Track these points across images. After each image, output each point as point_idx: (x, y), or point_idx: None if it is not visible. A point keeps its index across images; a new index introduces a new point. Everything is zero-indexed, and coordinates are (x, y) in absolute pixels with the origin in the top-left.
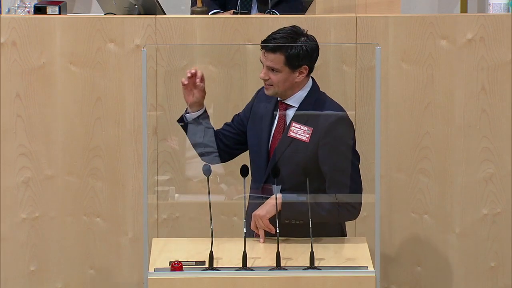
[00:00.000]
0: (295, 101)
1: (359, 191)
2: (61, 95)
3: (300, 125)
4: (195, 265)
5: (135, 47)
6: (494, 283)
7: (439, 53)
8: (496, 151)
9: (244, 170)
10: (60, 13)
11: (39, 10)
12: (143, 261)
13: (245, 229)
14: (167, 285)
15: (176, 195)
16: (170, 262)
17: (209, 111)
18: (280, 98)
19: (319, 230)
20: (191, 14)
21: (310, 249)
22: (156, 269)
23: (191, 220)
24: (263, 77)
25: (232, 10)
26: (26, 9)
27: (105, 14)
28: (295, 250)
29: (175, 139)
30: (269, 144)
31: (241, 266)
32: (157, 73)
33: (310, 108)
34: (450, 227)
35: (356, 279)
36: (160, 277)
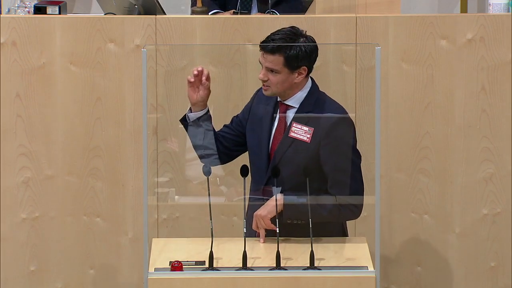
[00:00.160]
0: (295, 102)
1: (361, 190)
2: (61, 95)
3: (301, 126)
4: (195, 265)
5: (135, 47)
6: (494, 283)
7: (439, 53)
8: (496, 151)
9: (244, 170)
10: (60, 13)
11: (39, 10)
12: (143, 261)
13: (245, 229)
14: (167, 285)
15: (176, 197)
16: (170, 262)
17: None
18: (280, 99)
19: (321, 230)
20: (191, 14)
21: (310, 249)
22: (156, 269)
23: (191, 220)
24: (262, 78)
25: (232, 10)
26: (26, 9)
27: (105, 14)
28: (295, 250)
29: (175, 141)
30: (270, 145)
31: (241, 266)
32: (157, 73)
33: (311, 108)
34: (450, 227)
35: (356, 279)
36: (160, 277)
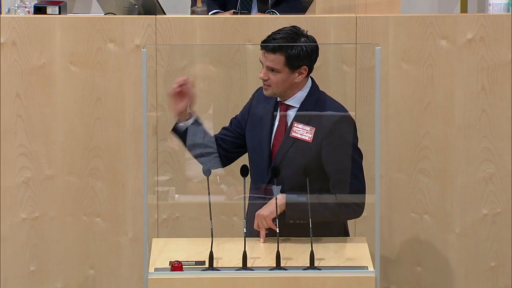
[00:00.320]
0: (296, 102)
1: (363, 188)
2: (61, 95)
3: (303, 125)
4: (195, 265)
5: (135, 47)
6: (494, 283)
7: (439, 53)
8: (496, 151)
9: (244, 170)
10: (60, 13)
11: (39, 10)
12: (143, 261)
13: (245, 229)
14: (167, 285)
15: (176, 196)
16: (170, 262)
17: (209, 112)
18: (280, 99)
19: (322, 230)
20: (191, 14)
21: (310, 249)
22: (156, 269)
23: (191, 220)
24: (263, 77)
25: (232, 10)
26: (26, 9)
27: (105, 14)
28: (295, 250)
29: (175, 140)
30: (271, 145)
31: (241, 266)
32: (157, 73)
33: (311, 108)
34: (450, 227)
35: (356, 279)
36: (160, 277)
